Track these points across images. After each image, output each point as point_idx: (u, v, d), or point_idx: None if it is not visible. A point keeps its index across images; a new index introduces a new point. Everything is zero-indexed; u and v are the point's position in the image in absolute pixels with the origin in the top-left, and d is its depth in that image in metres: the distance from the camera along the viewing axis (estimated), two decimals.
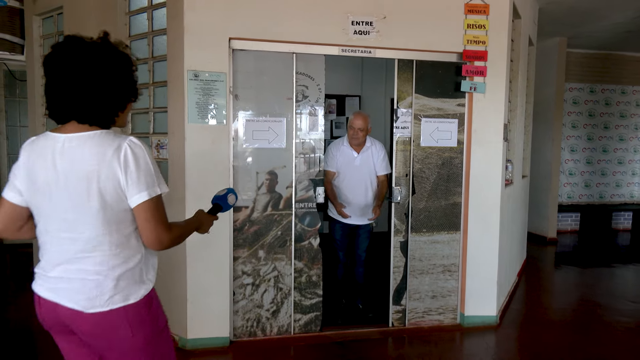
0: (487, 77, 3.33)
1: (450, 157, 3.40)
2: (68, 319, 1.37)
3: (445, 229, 3.43)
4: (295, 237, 3.18)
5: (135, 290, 1.40)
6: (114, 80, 1.36)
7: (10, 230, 1.44)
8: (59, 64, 1.32)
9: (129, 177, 1.33)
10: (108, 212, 1.34)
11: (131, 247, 1.39)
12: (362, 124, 3.40)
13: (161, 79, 3.24)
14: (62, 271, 1.37)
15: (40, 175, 1.36)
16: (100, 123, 1.37)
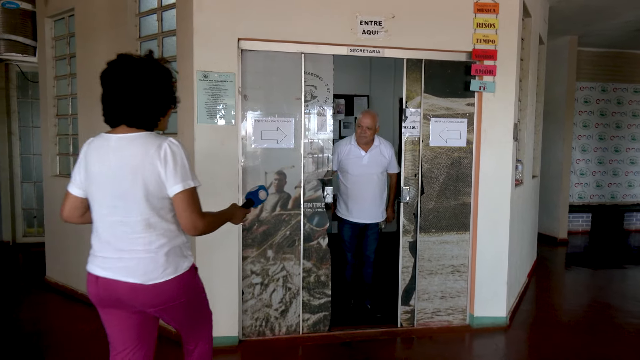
0: (497, 76, 3.32)
1: (460, 157, 3.38)
2: (126, 292, 1.62)
3: (454, 229, 3.42)
4: (304, 237, 3.18)
5: (182, 263, 1.68)
6: (157, 91, 1.64)
7: (74, 217, 1.77)
8: (113, 77, 1.61)
9: (167, 170, 1.58)
10: (151, 199, 1.59)
11: (172, 230, 1.66)
12: (370, 123, 3.40)
13: None
14: (118, 251, 1.62)
15: (95, 168, 1.64)
16: (145, 126, 1.65)
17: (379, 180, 3.51)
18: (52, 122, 4.30)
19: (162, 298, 1.65)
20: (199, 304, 1.82)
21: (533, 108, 4.51)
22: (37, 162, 5.82)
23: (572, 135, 6.47)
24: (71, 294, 4.02)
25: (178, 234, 1.69)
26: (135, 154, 1.59)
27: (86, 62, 3.77)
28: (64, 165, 4.28)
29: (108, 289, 1.64)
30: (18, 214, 5.88)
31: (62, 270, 4.18)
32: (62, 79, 4.21)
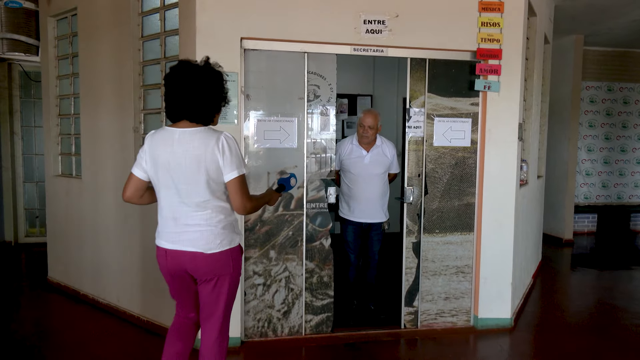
0: (502, 76, 3.30)
1: (464, 157, 3.38)
2: (189, 261, 1.96)
3: (458, 229, 3.41)
4: (307, 238, 3.18)
5: (234, 238, 2.03)
6: (214, 91, 1.96)
7: (135, 197, 2.06)
8: (176, 80, 1.93)
9: (225, 159, 1.92)
10: (211, 183, 1.93)
11: (228, 209, 2.00)
12: (372, 122, 3.40)
13: None
14: (182, 226, 1.96)
15: (161, 157, 1.95)
16: (203, 122, 1.97)
17: (381, 181, 3.51)
18: (55, 121, 4.32)
19: (216, 266, 1.98)
20: (236, 285, 2.08)
21: (538, 108, 4.49)
22: (39, 161, 5.85)
23: (577, 135, 6.45)
24: (74, 295, 4.03)
25: (231, 212, 2.02)
26: (197, 145, 1.91)
27: (89, 62, 3.78)
28: (66, 165, 4.30)
29: (175, 259, 1.99)
30: (20, 214, 5.90)
31: (64, 271, 4.19)
32: (65, 78, 4.23)
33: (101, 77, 3.67)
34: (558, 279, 5.00)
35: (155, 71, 3.40)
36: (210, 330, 2.08)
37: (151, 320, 3.41)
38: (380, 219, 3.54)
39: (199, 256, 1.95)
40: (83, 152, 3.90)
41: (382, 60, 5.78)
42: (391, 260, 4.02)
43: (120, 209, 3.58)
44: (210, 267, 1.98)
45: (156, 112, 3.43)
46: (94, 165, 3.80)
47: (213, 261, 1.97)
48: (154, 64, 3.41)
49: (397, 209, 4.03)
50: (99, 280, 3.81)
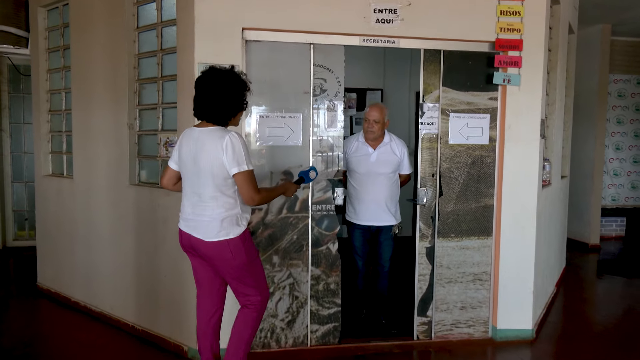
0: (523, 69, 3.29)
1: (482, 156, 3.36)
2: (196, 244, 2.41)
3: (475, 233, 3.39)
4: (312, 242, 3.18)
5: (234, 230, 2.38)
6: (232, 97, 2.36)
7: (170, 185, 2.57)
8: (199, 84, 2.36)
9: (227, 157, 2.28)
10: (215, 179, 2.32)
11: (231, 203, 2.38)
12: (377, 116, 3.38)
13: (170, 73, 3.28)
14: (193, 214, 2.40)
15: (184, 152, 2.42)
16: (219, 123, 2.38)
17: (389, 181, 3.47)
18: (45, 118, 4.35)
19: (215, 253, 2.38)
20: (251, 267, 2.45)
21: (562, 103, 4.46)
22: (28, 160, 5.89)
23: (604, 132, 6.40)
24: (64, 302, 4.06)
25: (235, 206, 2.39)
26: (208, 143, 2.31)
27: (81, 54, 3.81)
28: (57, 164, 4.33)
29: (187, 239, 2.44)
30: (8, 216, 5.95)
31: (54, 276, 4.22)
32: (56, 72, 4.26)
33: (94, 71, 3.70)
34: (583, 287, 4.96)
35: (151, 64, 3.42)
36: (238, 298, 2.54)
37: (146, 330, 3.42)
38: (389, 222, 3.51)
39: (200, 242, 2.38)
40: (75, 150, 3.92)
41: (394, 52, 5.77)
42: (403, 266, 4.00)
43: (113, 210, 3.60)
44: (210, 252, 2.39)
45: (152, 107, 3.44)
46: (86, 165, 3.82)
47: (211, 248, 2.37)
48: (149, 57, 3.43)
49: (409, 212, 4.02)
50: (92, 286, 3.84)
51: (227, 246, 2.36)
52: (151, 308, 3.40)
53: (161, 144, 3.39)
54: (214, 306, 2.59)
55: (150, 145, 3.51)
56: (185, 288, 3.11)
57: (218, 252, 2.38)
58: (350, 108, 6.08)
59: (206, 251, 2.39)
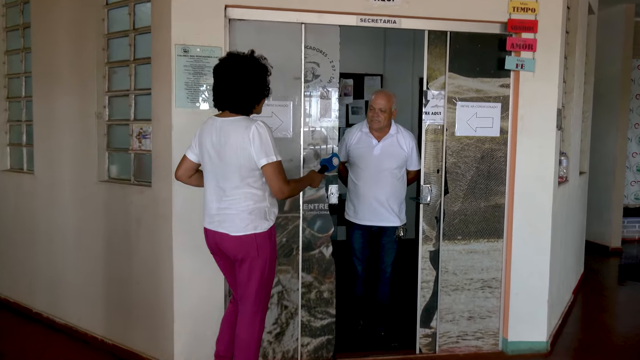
0: (537, 52, 3.30)
1: (492, 149, 3.37)
2: (220, 240, 2.53)
3: (484, 236, 3.41)
4: (304, 245, 3.18)
5: (262, 224, 2.50)
6: (254, 84, 2.46)
7: (185, 177, 2.66)
8: (219, 72, 2.47)
9: (254, 147, 2.39)
10: (242, 170, 2.44)
11: (259, 196, 2.49)
12: (384, 104, 3.39)
13: (144, 55, 3.26)
14: (217, 209, 2.51)
15: (206, 143, 2.51)
16: (243, 112, 2.49)
17: (394, 178, 3.48)
18: (2, 106, 4.31)
19: (242, 247, 2.48)
20: (270, 268, 2.56)
21: (581, 91, 4.49)
22: None
23: (628, 124, 6.44)
24: (25, 313, 4.03)
25: (263, 199, 2.50)
26: (232, 134, 2.42)
27: (43, 34, 3.77)
28: (15, 158, 4.29)
29: (213, 238, 2.56)
30: None
31: (13, 285, 4.19)
32: (14, 54, 4.22)
33: (58, 53, 3.66)
34: (603, 295, 5.00)
35: (123, 45, 3.40)
36: (243, 314, 2.57)
37: (118, 344, 3.41)
38: (393, 223, 3.52)
39: (225, 237, 2.50)
40: (36, 142, 3.89)
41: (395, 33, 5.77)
42: (405, 271, 4.02)
43: (80, 210, 3.58)
44: (236, 248, 2.50)
45: (123, 94, 3.42)
46: (49, 158, 3.79)
47: (238, 243, 2.48)
48: (121, 37, 3.40)
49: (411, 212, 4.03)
50: (56, 295, 3.82)
51: (254, 241, 2.48)
52: (123, 320, 3.39)
53: (134, 135, 3.37)
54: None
55: (121, 137, 3.48)
56: (162, 298, 3.10)
57: (243, 248, 2.48)
58: (347, 96, 6.09)
59: (231, 247, 2.51)
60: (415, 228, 3.46)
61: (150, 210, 3.16)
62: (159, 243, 3.12)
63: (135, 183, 3.37)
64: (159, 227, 3.10)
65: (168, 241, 3.03)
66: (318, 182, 2.84)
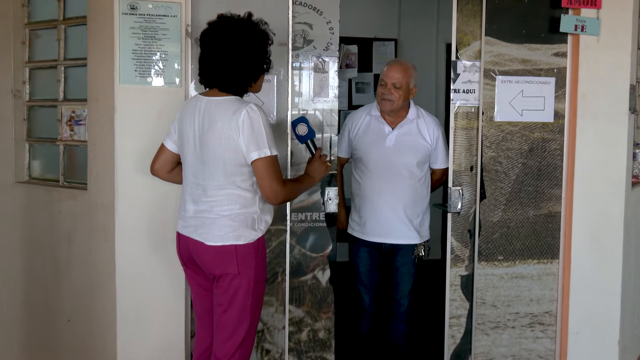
0: (603, 10, 3.30)
1: (543, 140, 3.38)
2: (194, 250, 2.56)
3: (534, 255, 3.42)
4: (292, 269, 3.18)
5: (246, 234, 2.51)
6: (251, 54, 2.50)
7: (163, 172, 2.75)
8: (210, 39, 2.49)
9: (244, 137, 2.41)
10: (227, 166, 2.46)
11: (247, 199, 2.52)
12: (400, 78, 3.37)
13: (77, 14, 3.25)
14: (193, 212, 2.57)
15: (186, 128, 2.57)
16: (235, 91, 2.53)
17: (414, 179, 3.47)
18: None
19: (218, 261, 2.50)
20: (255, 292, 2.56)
21: None
22: None
23: None
24: None
25: (252, 204, 2.54)
26: (218, 119, 2.45)
27: None
28: None
29: (185, 246, 2.61)
30: None
31: None
32: None
33: None
34: None
35: (49, 1, 3.39)
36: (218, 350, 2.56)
37: None
38: (411, 240, 3.51)
39: (200, 247, 2.54)
40: None
41: None
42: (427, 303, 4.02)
43: None
44: (212, 261, 2.53)
45: (50, 65, 3.40)
46: None
47: (214, 255, 2.52)
48: None
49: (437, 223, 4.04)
50: None
51: (234, 254, 2.49)
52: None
53: (63, 120, 3.37)
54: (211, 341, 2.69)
55: (46, 123, 3.49)
56: (101, 340, 3.10)
57: (220, 262, 2.50)
58: (350, 67, 6.09)
59: (206, 259, 2.54)
60: (441, 245, 3.46)
61: (86, 221, 3.15)
62: (96, 266, 3.11)
63: (66, 185, 3.36)
64: (98, 244, 3.10)
65: (109, 264, 3.02)
66: (321, 169, 2.81)
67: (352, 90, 6.14)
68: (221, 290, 2.53)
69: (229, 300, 2.52)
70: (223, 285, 2.52)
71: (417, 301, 3.69)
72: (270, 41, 2.60)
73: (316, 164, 2.79)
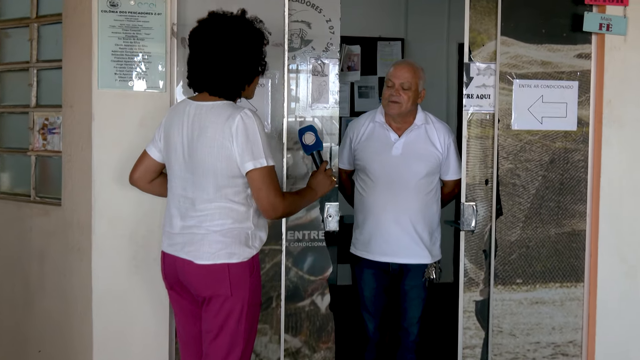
0: (630, 7, 3.31)
1: (566, 150, 3.39)
2: (181, 270, 2.54)
3: (557, 278, 3.41)
4: (288, 293, 3.18)
5: (240, 251, 2.50)
6: (245, 55, 2.51)
7: (143, 181, 2.73)
8: (200, 38, 2.50)
9: (238, 145, 2.41)
10: (218, 177, 2.46)
11: (240, 213, 2.52)
12: (408, 78, 3.37)
13: (51, 11, 3.27)
14: (180, 227, 2.55)
15: (173, 135, 2.56)
16: (227, 95, 2.53)
17: (423, 191, 3.46)
18: None
19: (209, 282, 2.49)
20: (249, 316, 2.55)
21: None
22: None
23: None
24: None
25: (246, 219, 2.54)
26: (209, 125, 2.45)
27: None
28: None
29: (172, 265, 2.59)
30: None
31: None
32: None
33: None
34: None
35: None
36: None
37: None
38: (421, 259, 3.49)
39: (188, 266, 2.52)
40: None
41: None
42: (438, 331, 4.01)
43: None
44: (201, 282, 2.52)
45: (21, 67, 3.41)
46: None
47: (204, 275, 2.50)
48: None
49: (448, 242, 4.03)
50: None
51: (227, 273, 2.48)
52: None
53: (35, 128, 3.37)
54: None
55: (17, 132, 3.50)
56: None
57: (211, 282, 2.49)
58: (352, 70, 6.09)
59: (195, 280, 2.52)
60: (453, 267, 3.45)
61: (60, 240, 3.15)
62: (71, 290, 3.11)
63: (38, 200, 3.36)
64: (73, 265, 3.10)
65: (85, 288, 3.01)
66: (325, 183, 2.79)
67: (355, 95, 6.14)
68: (211, 314, 2.51)
69: (220, 325, 2.49)
70: (214, 309, 2.50)
71: (427, 329, 3.68)
72: (266, 41, 2.60)
73: (320, 177, 2.78)
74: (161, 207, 2.85)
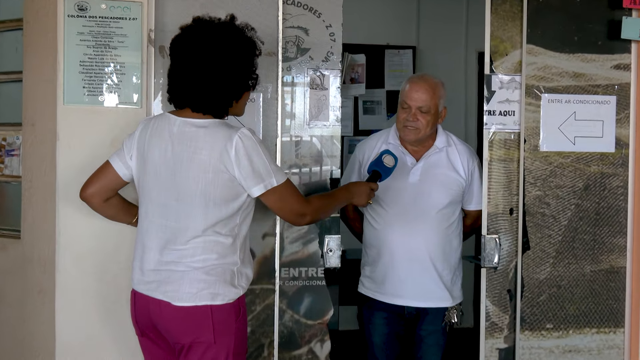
0: None
1: (602, 175, 3.40)
2: (156, 313, 2.51)
3: (593, 323, 3.41)
4: (282, 340, 3.18)
5: (224, 291, 2.51)
6: (233, 67, 2.51)
7: (98, 198, 2.68)
8: (186, 47, 2.50)
9: (242, 170, 2.44)
10: (210, 206, 2.48)
11: (225, 246, 2.52)
12: (427, 100, 3.36)
13: (10, 16, 3.30)
14: (156, 262, 2.52)
15: (153, 155, 2.54)
16: (213, 112, 2.53)
17: (444, 223, 3.47)
18: None
19: (189, 327, 2.47)
20: None
21: None
22: None
23: None
24: None
25: (231, 252, 2.54)
26: (203, 146, 2.46)
27: None
28: None
29: (144, 308, 2.56)
30: None
31: None
32: None
33: None
34: None
35: None
36: None
37: None
38: (441, 302, 3.50)
39: (165, 309, 2.49)
40: None
41: None
42: None
43: None
44: (180, 327, 2.49)
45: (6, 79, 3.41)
46: None
47: (184, 318, 2.48)
48: None
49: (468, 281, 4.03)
50: None
51: (209, 317, 2.47)
52: None
53: None
54: None
55: None
56: None
57: (192, 327, 2.48)
58: (355, 83, 6.11)
59: (173, 325, 2.50)
60: (474, 310, 3.44)
61: (18, 279, 3.15)
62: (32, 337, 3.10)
63: None
64: (33, 309, 3.09)
65: (48, 335, 3.01)
66: (364, 196, 2.96)
67: (359, 111, 6.13)
68: None
69: None
70: (194, 358, 2.48)
71: None
72: (258, 51, 2.61)
73: (363, 187, 2.97)
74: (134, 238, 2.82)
